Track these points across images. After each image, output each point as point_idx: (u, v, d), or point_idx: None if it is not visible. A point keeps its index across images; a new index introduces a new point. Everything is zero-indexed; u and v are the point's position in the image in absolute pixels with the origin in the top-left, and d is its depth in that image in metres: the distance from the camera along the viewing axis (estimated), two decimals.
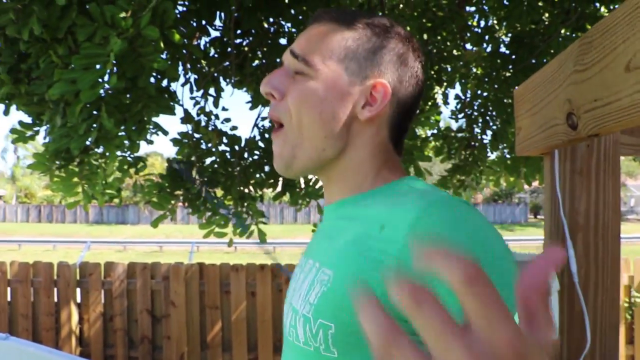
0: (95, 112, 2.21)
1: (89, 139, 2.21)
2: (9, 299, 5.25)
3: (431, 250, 0.33)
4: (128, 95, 2.43)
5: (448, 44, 4.60)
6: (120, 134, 2.57)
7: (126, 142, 2.75)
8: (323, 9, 0.91)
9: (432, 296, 0.32)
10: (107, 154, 2.74)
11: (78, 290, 5.23)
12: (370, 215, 0.81)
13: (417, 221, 0.72)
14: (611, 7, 3.84)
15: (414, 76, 0.92)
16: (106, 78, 1.96)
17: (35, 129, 2.80)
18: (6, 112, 2.61)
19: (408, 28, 4.31)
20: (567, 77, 0.97)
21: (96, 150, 2.78)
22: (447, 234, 0.71)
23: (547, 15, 3.94)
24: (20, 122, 2.78)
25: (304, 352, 0.81)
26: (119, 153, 2.85)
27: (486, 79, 4.63)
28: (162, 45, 2.10)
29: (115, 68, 2.05)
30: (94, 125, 2.27)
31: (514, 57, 4.15)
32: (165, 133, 2.67)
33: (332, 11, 0.91)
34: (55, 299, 5.20)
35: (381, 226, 0.76)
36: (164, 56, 2.44)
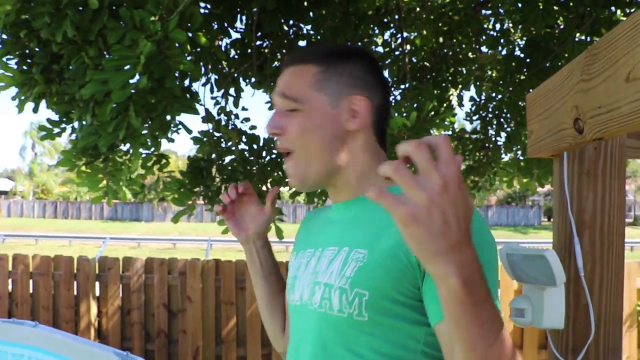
0: (123, 111, 2.31)
1: (117, 137, 2.31)
2: (30, 291, 5.38)
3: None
4: (151, 95, 2.54)
5: (463, 46, 4.66)
6: (144, 132, 2.68)
7: (148, 140, 2.85)
8: (291, 54, 1.15)
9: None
10: (132, 151, 2.85)
11: (97, 284, 5.35)
12: (384, 211, 0.97)
13: None
14: (627, 11, 3.87)
15: (380, 83, 1.13)
16: (136, 79, 2.06)
17: (62, 126, 2.91)
18: (35, 110, 2.72)
19: (424, 32, 4.38)
20: (574, 85, 1.05)
21: (121, 147, 2.88)
22: None
23: (561, 19, 3.99)
24: (49, 120, 2.89)
25: (336, 319, 1.00)
26: (142, 150, 2.95)
27: (501, 82, 4.68)
28: (188, 47, 2.20)
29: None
30: (121, 123, 2.36)
31: (528, 60, 4.19)
32: (189, 131, 2.78)
33: (299, 53, 1.15)
34: (75, 292, 5.32)
35: None
36: (188, 57, 2.53)
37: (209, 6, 3.09)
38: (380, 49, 4.61)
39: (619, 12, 3.99)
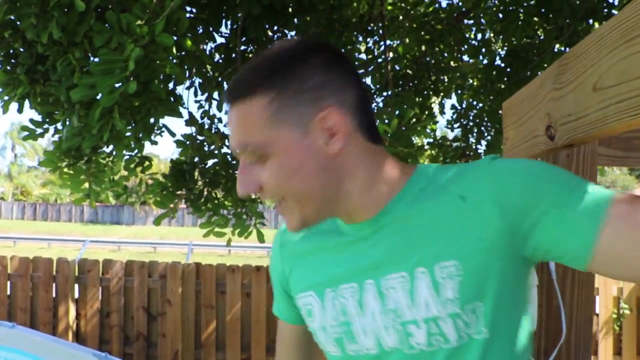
0: (108, 114, 2.32)
1: (102, 139, 2.32)
2: (8, 292, 5.32)
3: None
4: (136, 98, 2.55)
5: (445, 55, 4.74)
6: (127, 134, 2.69)
7: (132, 142, 2.87)
8: (229, 85, 0.92)
9: None
10: (115, 153, 2.86)
11: (76, 286, 5.30)
12: (438, 199, 0.87)
13: (489, 174, 0.84)
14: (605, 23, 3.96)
15: (345, 74, 0.90)
16: (122, 83, 2.08)
17: (45, 126, 2.91)
18: (20, 110, 2.72)
19: (407, 40, 4.45)
20: (547, 94, 1.10)
21: (104, 149, 2.89)
22: (520, 168, 0.84)
23: (541, 31, 4.08)
24: (31, 120, 2.89)
25: (455, 350, 0.87)
26: (125, 152, 2.97)
27: (482, 90, 4.77)
28: (174, 51, 2.22)
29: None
30: (106, 125, 2.38)
31: (509, 69, 4.28)
32: (173, 134, 2.79)
33: (236, 83, 0.90)
34: (54, 294, 5.27)
35: (461, 197, 0.85)
36: (174, 61, 2.55)
37: (194, 10, 3.12)
38: (363, 56, 4.68)
39: (596, 24, 4.09)
